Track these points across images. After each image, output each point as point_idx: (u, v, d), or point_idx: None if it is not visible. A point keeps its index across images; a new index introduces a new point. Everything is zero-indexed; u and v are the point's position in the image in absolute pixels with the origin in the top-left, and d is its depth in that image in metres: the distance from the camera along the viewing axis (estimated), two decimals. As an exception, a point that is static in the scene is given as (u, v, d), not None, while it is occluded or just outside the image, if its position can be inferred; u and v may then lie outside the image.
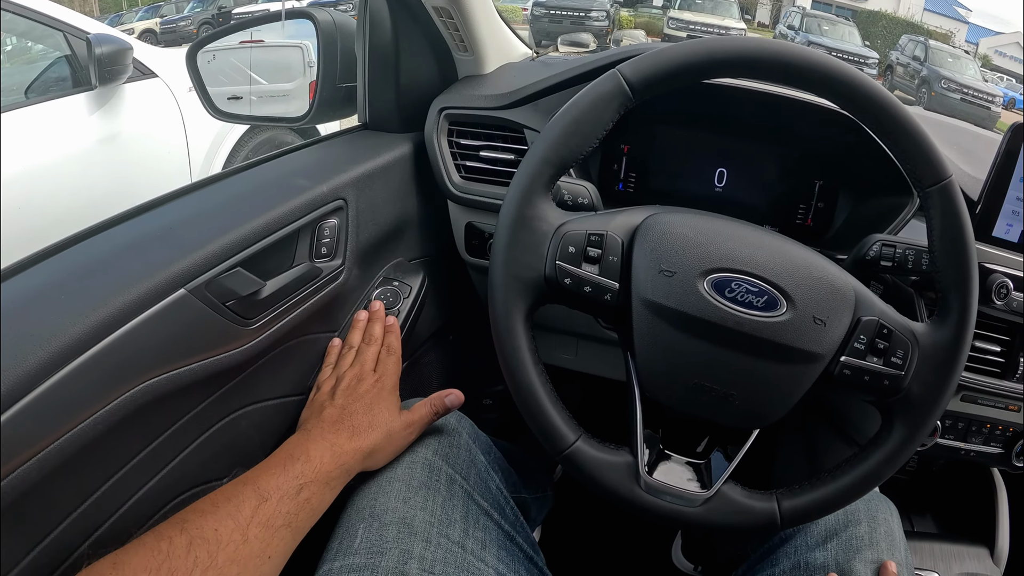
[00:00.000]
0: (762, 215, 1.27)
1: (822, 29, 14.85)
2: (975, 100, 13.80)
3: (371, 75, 1.26)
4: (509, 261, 0.78)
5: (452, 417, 0.96)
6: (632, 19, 18.09)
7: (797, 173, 1.24)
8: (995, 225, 1.07)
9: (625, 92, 0.76)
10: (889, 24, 21.51)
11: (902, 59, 15.32)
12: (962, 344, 0.77)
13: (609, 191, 1.29)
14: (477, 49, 1.29)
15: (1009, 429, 1.23)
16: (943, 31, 23.23)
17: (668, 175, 1.28)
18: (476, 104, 1.23)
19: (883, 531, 0.93)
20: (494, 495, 0.94)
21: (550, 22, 13.77)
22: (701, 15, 14.20)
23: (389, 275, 1.19)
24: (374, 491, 0.85)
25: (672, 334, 0.76)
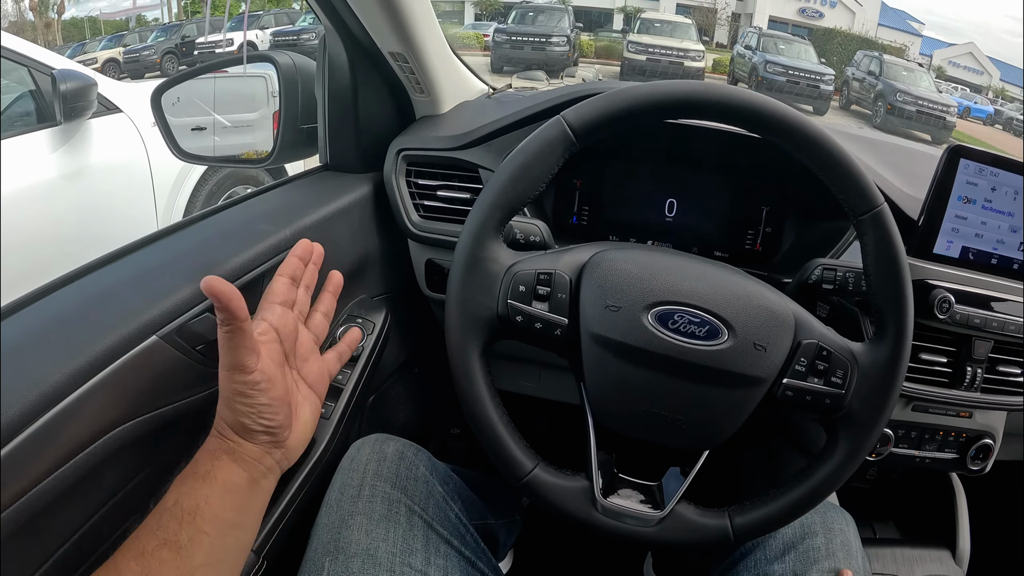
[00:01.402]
0: (712, 241, 1.32)
1: (778, 48, 15.01)
2: (931, 111, 14.00)
3: (330, 117, 1.29)
4: (463, 301, 0.83)
5: (410, 450, 1.00)
6: (593, 43, 18.27)
7: (745, 201, 1.29)
8: (935, 243, 1.12)
9: (569, 137, 0.81)
10: (844, 40, 21.82)
11: (858, 74, 15.56)
12: (899, 362, 0.82)
13: (564, 224, 1.34)
14: (433, 90, 1.33)
15: (962, 435, 1.28)
16: (897, 45, 23.60)
17: (620, 207, 1.33)
18: (432, 145, 1.27)
19: (839, 541, 0.96)
20: (453, 524, 0.98)
21: (511, 48, 13.83)
22: (659, 38, 14.30)
23: (353, 312, 1.22)
24: (337, 525, 0.89)
25: (620, 365, 0.81)
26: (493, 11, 22.81)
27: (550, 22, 14.61)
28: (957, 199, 1.11)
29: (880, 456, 1.26)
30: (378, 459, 0.97)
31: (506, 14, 16.05)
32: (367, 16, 1.13)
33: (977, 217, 1.12)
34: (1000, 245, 1.14)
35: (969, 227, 1.13)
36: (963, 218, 1.12)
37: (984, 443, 1.29)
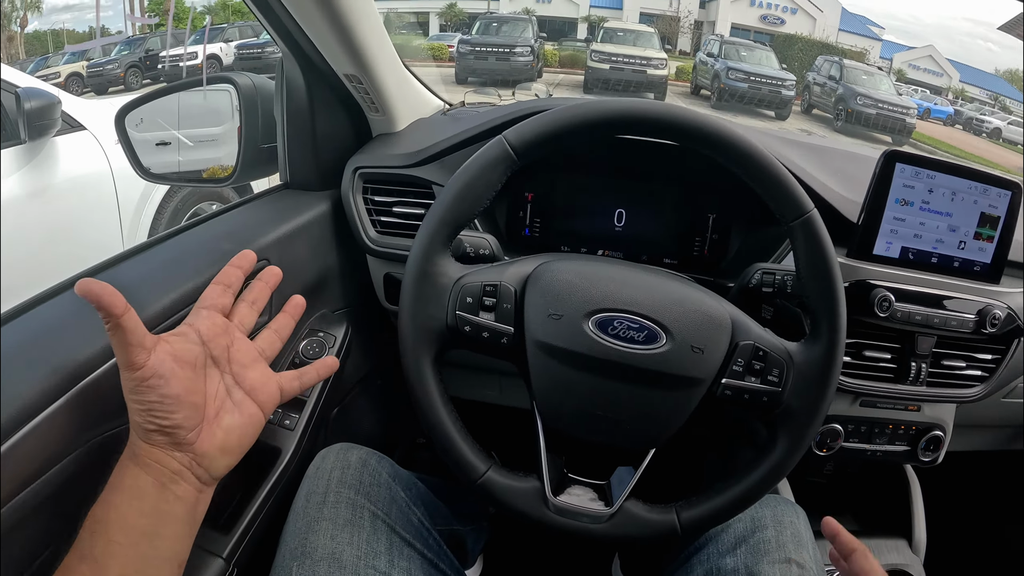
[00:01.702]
0: (662, 249, 1.37)
1: (740, 55, 15.12)
2: (891, 113, 14.16)
3: (289, 137, 1.32)
4: (415, 313, 0.87)
5: (372, 458, 1.03)
6: (557, 53, 18.24)
7: (692, 209, 1.34)
8: (875, 244, 1.18)
9: (510, 156, 0.86)
10: (805, 46, 21.99)
11: (818, 79, 15.70)
12: (833, 359, 0.87)
13: (517, 236, 1.38)
14: (387, 109, 1.36)
15: (912, 428, 1.34)
16: (858, 49, 23.84)
17: (571, 219, 1.37)
18: (387, 163, 1.31)
19: (789, 533, 1.00)
20: (416, 527, 1.00)
21: (475, 59, 13.81)
22: (622, 47, 14.32)
23: (315, 326, 1.26)
24: (304, 531, 0.91)
25: (564, 370, 0.85)
26: (458, 22, 22.78)
27: (514, 32, 14.56)
28: (895, 201, 1.16)
29: (832, 451, 1.31)
30: (342, 467, 0.99)
31: (471, 25, 16.01)
32: (321, 40, 1.16)
33: (915, 218, 1.17)
34: (939, 244, 1.20)
35: (907, 228, 1.18)
36: (901, 220, 1.17)
37: (934, 435, 1.35)
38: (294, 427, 1.15)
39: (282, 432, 1.16)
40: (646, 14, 24.04)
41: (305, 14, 1.10)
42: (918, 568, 1.41)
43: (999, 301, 1.23)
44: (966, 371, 1.29)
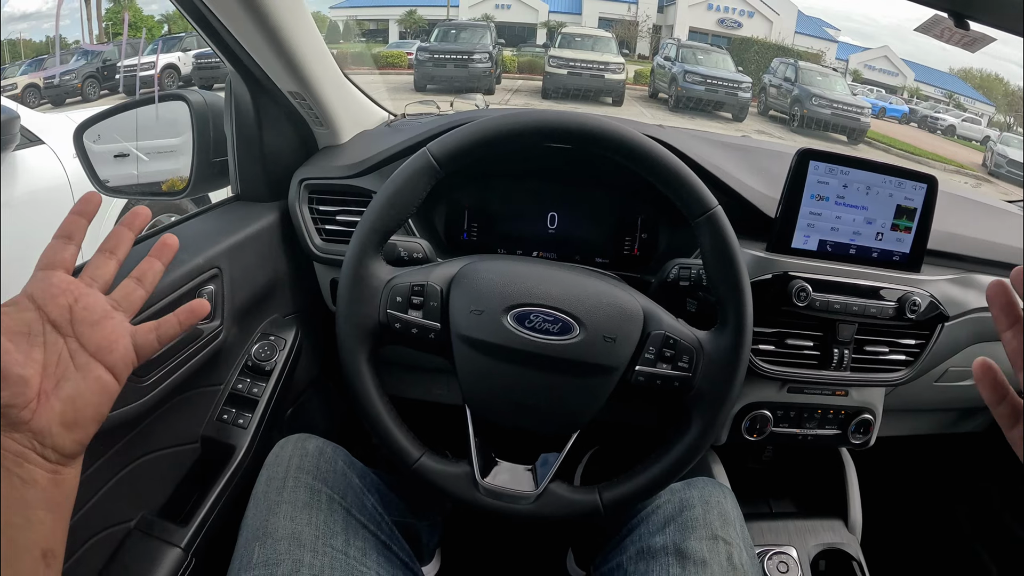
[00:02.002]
0: (594, 249, 1.43)
1: (697, 58, 15.25)
2: (845, 113, 14.38)
3: (239, 151, 1.37)
4: (350, 314, 0.93)
5: (328, 447, 1.08)
6: (516, 59, 18.25)
7: (621, 210, 1.41)
8: (793, 238, 1.24)
9: (433, 167, 0.93)
10: (761, 49, 22.20)
11: (774, 81, 15.89)
12: (740, 346, 0.93)
13: (456, 240, 1.44)
14: (331, 123, 1.42)
15: (841, 412, 1.40)
16: (814, 51, 24.12)
17: (506, 222, 1.44)
18: (331, 174, 1.36)
19: (716, 512, 1.04)
20: (370, 512, 1.05)
21: (434, 66, 13.81)
22: (580, 52, 14.38)
23: (266, 330, 1.32)
24: (264, 514, 0.96)
25: (487, 361, 0.92)
26: (417, 29, 22.75)
27: (472, 39, 14.55)
28: (810, 197, 1.23)
29: (762, 435, 1.37)
30: (300, 454, 1.05)
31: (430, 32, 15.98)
32: (263, 60, 1.22)
33: (831, 212, 1.24)
34: (857, 236, 1.26)
35: (824, 222, 1.24)
36: (817, 214, 1.24)
37: (863, 418, 1.41)
38: (247, 425, 1.22)
39: (236, 430, 1.23)
40: (605, 19, 24.21)
41: (246, 36, 1.16)
42: (855, 547, 1.45)
43: (920, 289, 1.30)
44: (890, 356, 1.35)
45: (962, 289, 1.41)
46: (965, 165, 15.97)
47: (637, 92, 16.31)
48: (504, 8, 23.49)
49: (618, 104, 14.08)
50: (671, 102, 14.79)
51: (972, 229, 1.51)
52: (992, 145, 16.40)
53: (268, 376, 1.28)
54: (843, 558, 1.43)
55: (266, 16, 1.09)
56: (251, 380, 1.27)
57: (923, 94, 24.63)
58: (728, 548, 0.99)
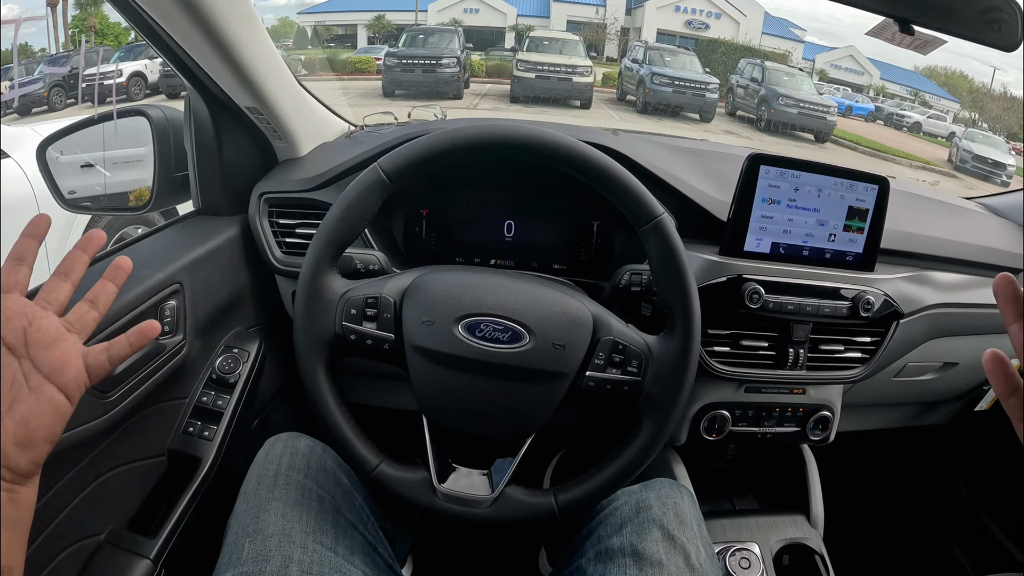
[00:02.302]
0: (551, 256, 1.46)
1: (664, 60, 15.30)
2: (811, 112, 14.50)
3: (199, 166, 1.37)
4: (306, 326, 0.95)
5: (319, 447, 1.09)
6: (484, 63, 18.20)
7: (577, 217, 1.43)
8: (745, 241, 1.27)
9: (384, 182, 0.95)
10: (728, 50, 22.31)
11: (741, 81, 15.96)
12: (689, 350, 0.96)
13: (415, 250, 1.46)
14: (290, 137, 1.42)
15: (799, 409, 1.43)
16: (781, 52, 24.28)
17: (464, 232, 1.46)
18: (290, 188, 1.38)
19: (673, 513, 1.05)
20: (358, 511, 1.07)
21: (402, 71, 13.78)
22: (548, 56, 14.41)
23: (230, 343, 1.33)
24: (255, 511, 0.97)
25: (439, 371, 0.94)
26: (386, 34, 22.66)
27: (440, 44, 14.48)
28: (761, 201, 1.25)
29: (721, 435, 1.39)
30: (291, 453, 1.06)
31: (398, 36, 15.92)
32: (219, 77, 1.22)
33: (783, 215, 1.27)
34: (809, 238, 1.29)
35: (776, 225, 1.27)
36: (769, 217, 1.26)
37: (822, 415, 1.44)
38: (213, 438, 1.24)
39: (202, 443, 1.24)
40: (573, 22, 24.25)
41: (200, 53, 1.16)
42: (817, 541, 1.47)
43: (873, 288, 1.32)
44: (845, 354, 1.38)
45: (917, 286, 1.44)
46: (931, 161, 16.19)
47: (605, 95, 16.37)
48: (472, 12, 23.47)
49: (586, 107, 14.10)
50: (639, 104, 14.82)
51: (927, 227, 1.54)
52: (957, 141, 16.64)
53: (232, 388, 1.29)
54: (806, 552, 1.45)
55: (218, 33, 1.10)
56: (216, 393, 1.28)
57: (889, 92, 24.92)
58: (685, 548, 1.01)
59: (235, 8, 1.11)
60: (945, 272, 1.53)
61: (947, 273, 1.54)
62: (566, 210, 1.45)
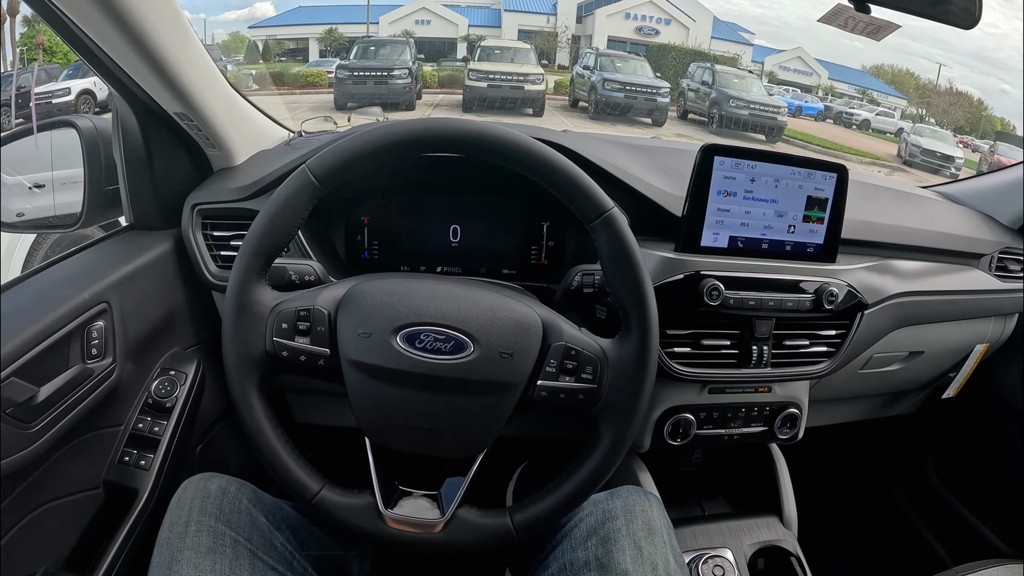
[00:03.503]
0: (500, 260, 1.40)
1: (615, 66, 15.42)
2: (762, 113, 14.76)
3: (129, 177, 1.30)
4: (236, 343, 0.88)
5: (232, 486, 1.01)
6: (436, 74, 18.21)
7: (526, 219, 1.38)
8: (702, 236, 1.22)
9: (313, 185, 0.88)
10: (679, 54, 22.70)
11: (692, 85, 16.16)
12: (646, 352, 0.90)
13: (357, 260, 1.39)
14: (223, 144, 1.34)
15: (766, 408, 1.39)
16: (731, 55, 24.76)
17: (408, 239, 1.39)
18: (225, 198, 1.30)
19: (640, 522, 1.01)
20: (280, 552, 1.00)
21: (354, 84, 13.66)
22: (500, 64, 14.44)
23: (166, 365, 1.25)
24: (168, 562, 0.90)
25: (378, 386, 0.87)
26: (337, 47, 22.59)
27: (392, 55, 14.40)
28: (717, 193, 1.21)
29: (686, 439, 1.34)
30: (202, 496, 0.98)
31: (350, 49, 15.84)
32: (145, 81, 1.15)
33: (740, 208, 1.23)
34: (768, 230, 1.25)
35: (733, 218, 1.23)
36: (726, 210, 1.22)
37: (789, 413, 1.40)
38: (149, 467, 1.16)
39: (138, 473, 1.16)
40: (524, 31, 24.47)
41: (124, 57, 1.09)
42: (792, 542, 1.44)
43: (836, 279, 1.29)
44: (810, 348, 1.34)
45: (880, 276, 1.42)
46: (881, 157, 16.57)
47: (558, 102, 16.51)
48: (424, 23, 23.56)
49: (539, 115, 14.12)
50: (591, 110, 14.93)
51: (887, 216, 1.53)
52: (906, 136, 17.16)
53: (169, 413, 1.21)
54: (781, 554, 1.41)
55: (140, 34, 1.02)
56: (152, 419, 1.21)
57: (837, 91, 25.58)
58: (653, 559, 0.96)
59: (159, 7, 1.04)
60: (907, 260, 1.52)
61: (909, 261, 1.52)
62: (514, 212, 1.40)
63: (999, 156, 16.50)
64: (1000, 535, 1.87)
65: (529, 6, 25.51)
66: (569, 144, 1.26)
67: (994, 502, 1.92)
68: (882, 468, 2.23)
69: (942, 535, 2.01)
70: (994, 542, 1.87)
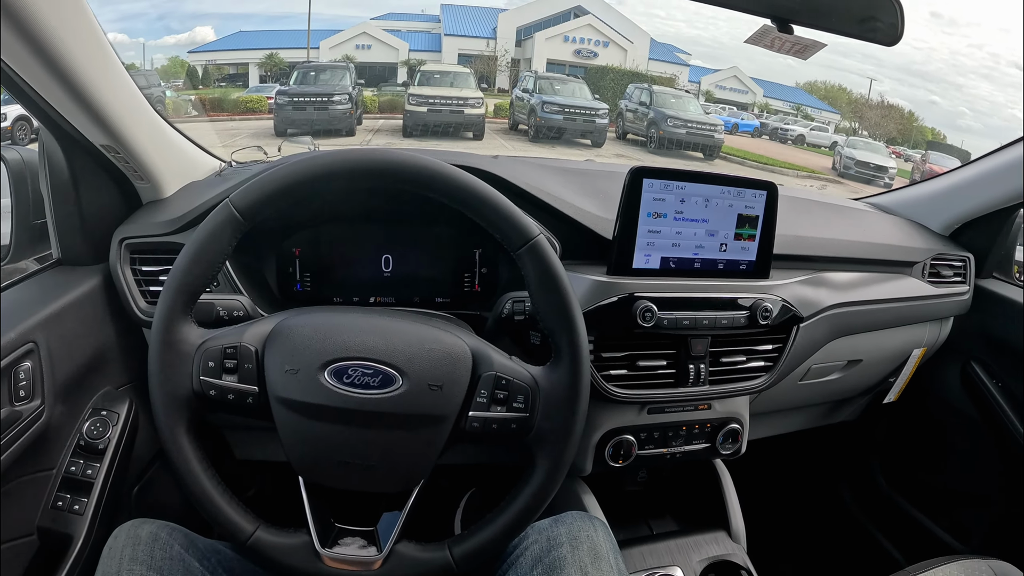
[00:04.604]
0: (433, 289, 1.39)
1: (554, 88, 15.57)
2: (699, 131, 14.99)
3: (56, 211, 1.26)
4: (162, 382, 0.86)
5: (164, 531, 0.98)
6: (376, 99, 18.09)
7: (458, 246, 1.37)
8: (634, 258, 1.23)
9: (236, 219, 0.87)
10: (617, 76, 22.95)
11: (630, 105, 16.37)
12: (578, 378, 0.90)
13: (289, 292, 1.37)
14: (151, 176, 1.31)
15: (707, 425, 1.40)
16: (668, 75, 25.21)
17: (340, 270, 1.38)
18: (153, 231, 1.27)
19: (586, 548, 1.00)
20: None
21: (294, 110, 13.53)
22: (440, 89, 14.41)
23: (97, 405, 1.22)
24: None
25: (307, 423, 0.86)
26: (278, 72, 22.36)
27: (332, 80, 14.27)
28: (647, 215, 1.22)
29: (628, 460, 1.35)
30: (133, 544, 0.95)
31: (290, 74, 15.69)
32: (68, 113, 1.11)
33: (671, 228, 1.24)
34: (700, 250, 1.27)
35: (664, 239, 1.24)
36: (656, 232, 1.23)
37: (731, 428, 1.42)
38: (84, 511, 1.12)
39: (72, 518, 1.12)
40: (464, 55, 24.59)
41: (46, 88, 1.05)
42: (741, 555, 1.45)
43: (770, 294, 1.32)
44: (748, 364, 1.37)
45: (814, 289, 1.44)
46: (816, 170, 16.98)
47: (498, 125, 16.50)
48: (365, 48, 23.52)
49: (479, 138, 14.11)
50: (531, 133, 14.98)
51: (819, 230, 1.56)
52: (840, 149, 17.64)
53: (102, 455, 1.17)
54: (731, 568, 1.42)
55: (63, 67, 1.00)
56: (84, 461, 1.17)
57: (772, 108, 26.22)
58: None
59: (81, 37, 1.01)
60: (840, 272, 1.55)
61: (842, 273, 1.55)
62: (446, 240, 1.39)
63: (931, 164, 16.95)
64: (951, 532, 1.91)
65: (469, 30, 25.68)
66: (498, 171, 1.26)
67: (943, 500, 1.97)
68: (831, 475, 2.26)
69: (895, 536, 2.05)
70: (946, 540, 1.91)
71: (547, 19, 25.01)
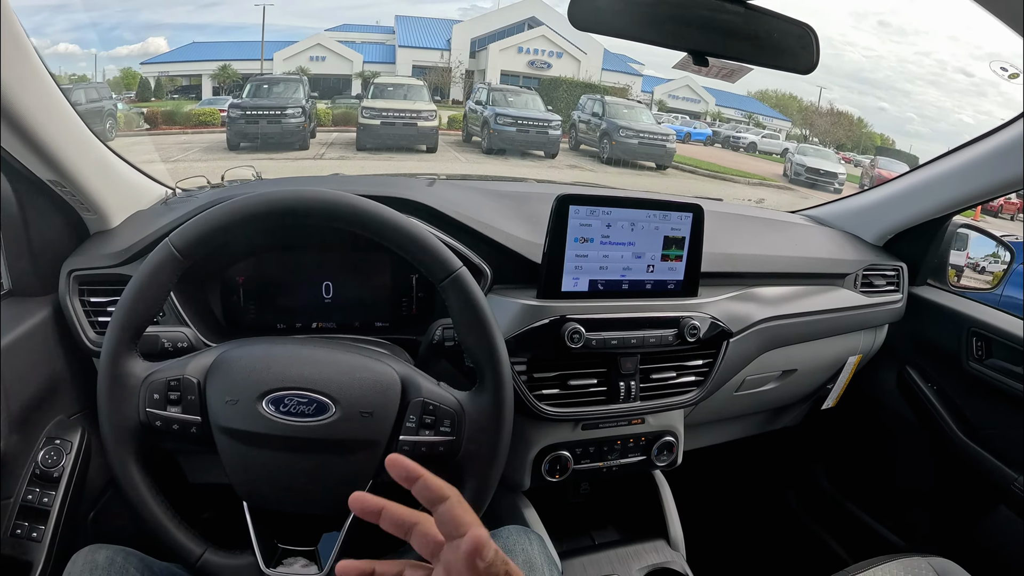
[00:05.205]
0: (373, 313, 1.43)
1: (507, 100, 15.53)
2: (651, 141, 15.09)
3: (6, 243, 1.28)
4: (111, 415, 0.91)
5: (119, 556, 1.00)
6: (330, 112, 17.85)
7: (395, 272, 1.42)
8: (562, 282, 1.28)
9: (176, 259, 0.92)
10: (569, 87, 23.03)
11: (583, 116, 16.45)
12: (502, 403, 0.96)
13: (235, 320, 1.40)
14: (98, 208, 1.33)
15: (641, 439, 1.45)
16: (621, 86, 25.33)
17: (282, 297, 1.41)
18: (100, 263, 1.29)
19: (520, 561, 1.05)
20: None
21: (247, 123, 13.31)
22: (392, 101, 14.33)
23: (51, 434, 1.24)
24: None
25: (249, 451, 0.91)
26: (231, 84, 22.04)
27: (285, 93, 14.02)
28: (574, 240, 1.27)
29: (564, 475, 1.40)
30: (90, 569, 0.97)
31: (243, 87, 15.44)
32: (15, 150, 1.13)
33: (598, 252, 1.30)
34: (628, 272, 1.33)
35: (591, 263, 1.30)
36: (584, 256, 1.29)
37: (665, 441, 1.47)
38: (42, 539, 1.15)
39: (31, 545, 1.15)
40: (418, 67, 24.47)
41: None
42: (680, 562, 1.50)
43: (698, 312, 1.37)
44: (678, 379, 1.42)
45: (743, 304, 1.50)
46: (768, 177, 17.19)
47: (452, 137, 16.49)
48: (319, 60, 23.28)
49: (432, 151, 14.07)
50: (484, 145, 14.94)
51: (751, 246, 1.62)
52: (791, 156, 17.90)
53: (57, 483, 1.20)
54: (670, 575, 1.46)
55: (5, 106, 1.02)
56: (40, 489, 1.19)
57: (725, 117, 26.52)
58: None
59: (21, 73, 1.03)
60: (770, 287, 1.61)
61: (772, 288, 1.61)
62: (383, 266, 1.43)
63: (879, 170, 17.28)
64: (895, 531, 1.99)
65: (424, 42, 25.57)
66: (431, 201, 1.32)
67: (886, 500, 2.04)
68: (776, 480, 2.32)
69: (841, 537, 2.11)
70: (891, 538, 1.98)
71: (501, 30, 25.00)
